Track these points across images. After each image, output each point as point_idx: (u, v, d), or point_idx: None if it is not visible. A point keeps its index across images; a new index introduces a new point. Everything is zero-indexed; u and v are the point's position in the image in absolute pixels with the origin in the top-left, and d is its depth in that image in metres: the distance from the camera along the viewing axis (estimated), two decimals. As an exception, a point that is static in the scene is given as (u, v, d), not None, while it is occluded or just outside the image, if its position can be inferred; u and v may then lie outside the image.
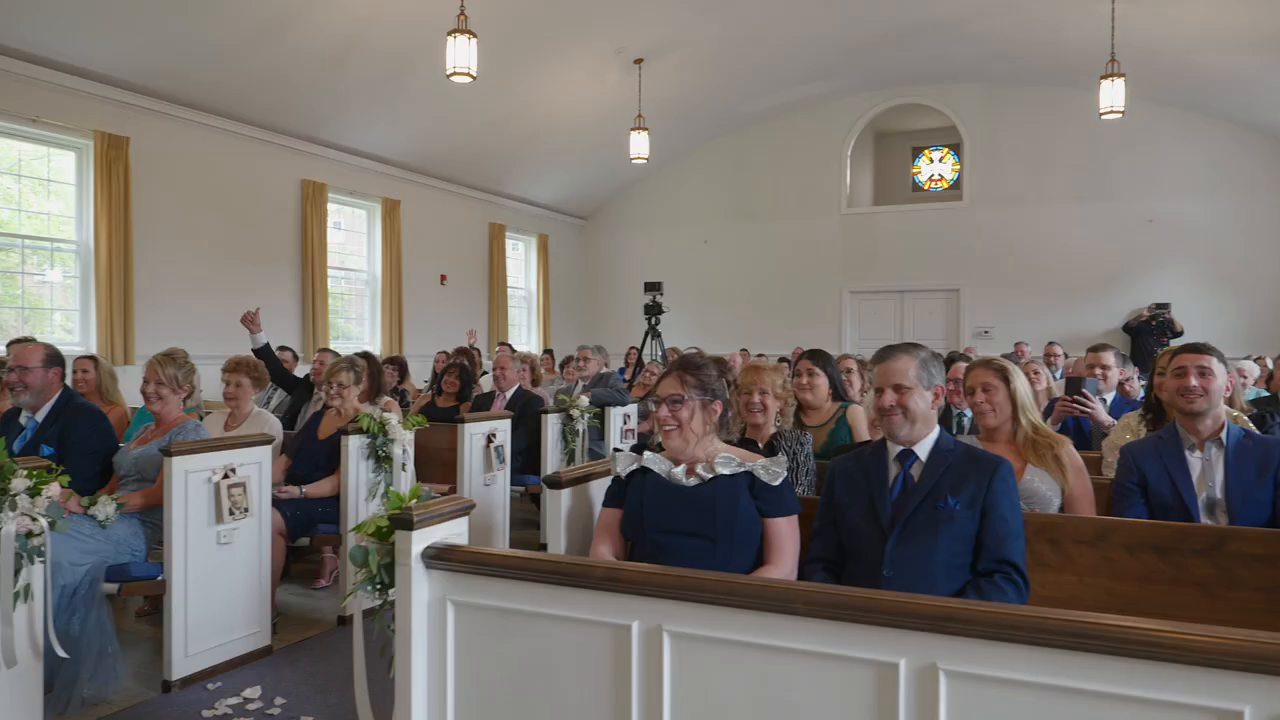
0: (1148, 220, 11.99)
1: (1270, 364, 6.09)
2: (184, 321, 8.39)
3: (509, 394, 6.15)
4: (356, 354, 5.20)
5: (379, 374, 4.97)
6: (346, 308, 11.10)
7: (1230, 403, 4.50)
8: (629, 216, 15.16)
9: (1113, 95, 8.76)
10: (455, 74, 7.19)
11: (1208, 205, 11.74)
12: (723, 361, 2.59)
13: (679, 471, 2.46)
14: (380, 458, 4.36)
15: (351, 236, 11.11)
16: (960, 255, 13.01)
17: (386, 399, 4.94)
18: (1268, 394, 5.23)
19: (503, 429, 5.32)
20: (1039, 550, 2.40)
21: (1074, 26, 9.67)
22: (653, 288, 11.52)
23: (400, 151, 10.93)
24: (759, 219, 14.17)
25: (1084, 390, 4.18)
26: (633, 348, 12.20)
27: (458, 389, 6.39)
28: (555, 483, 2.60)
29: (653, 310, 11.38)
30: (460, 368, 6.48)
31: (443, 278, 12.24)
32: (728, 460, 2.44)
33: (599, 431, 6.26)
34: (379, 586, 2.07)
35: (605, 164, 13.37)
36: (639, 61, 10.56)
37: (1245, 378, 6.09)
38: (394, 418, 4.39)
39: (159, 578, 3.49)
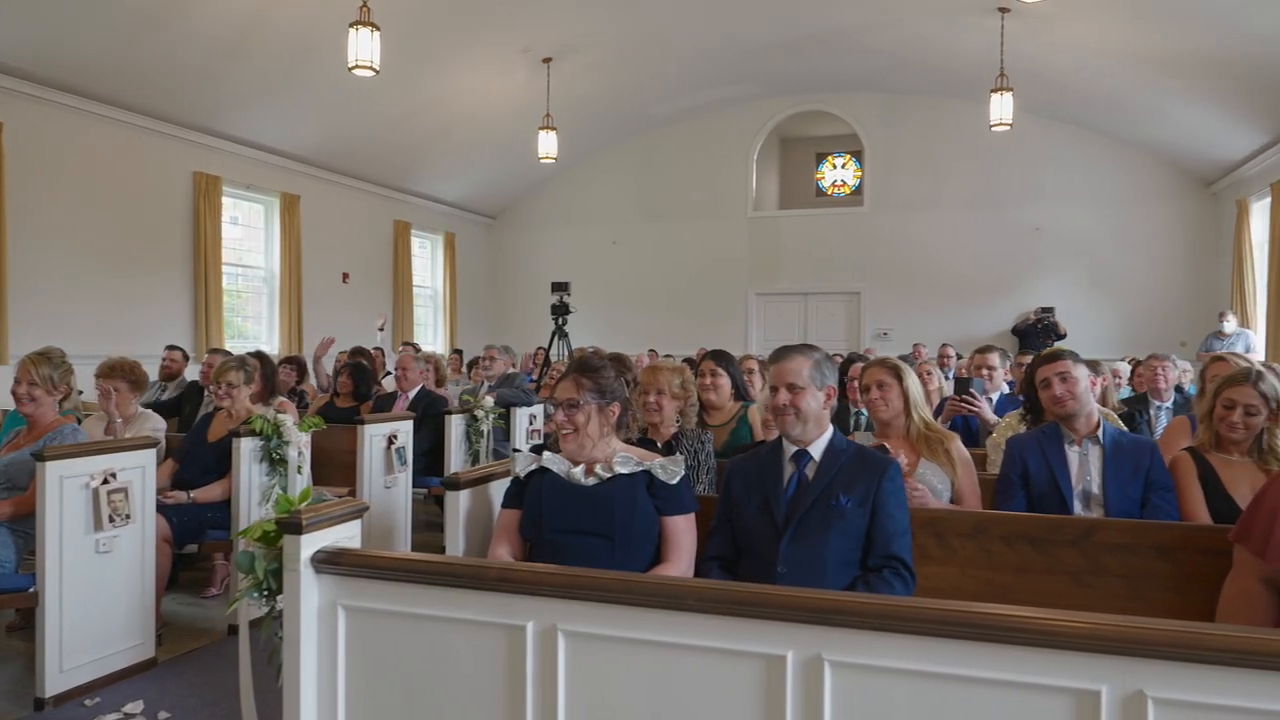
0: (1034, 228, 12.59)
1: (1127, 367, 6.50)
2: (61, 319, 7.93)
3: (411, 394, 6.04)
4: (249, 353, 5.03)
5: (273, 374, 4.82)
6: (243, 306, 10.70)
7: (1103, 401, 4.79)
8: (538, 216, 15.09)
9: (1001, 109, 9.17)
10: (358, 67, 7.02)
11: (1089, 216, 12.40)
12: (623, 360, 2.62)
13: (578, 472, 2.47)
14: (274, 460, 4.23)
15: (249, 232, 10.71)
16: (861, 259, 13.41)
17: (281, 399, 4.78)
18: (1135, 394, 5.56)
19: (404, 430, 5.22)
20: (924, 544, 2.50)
21: (966, 41, 10.08)
22: (560, 288, 11.49)
23: (300, 145, 10.60)
24: (667, 220, 14.30)
25: (971, 390, 4.37)
26: (541, 348, 12.14)
27: (352, 389, 6.23)
28: (454, 484, 2.56)
29: (560, 310, 11.35)
30: (356, 367, 6.32)
31: (345, 276, 11.93)
32: (626, 460, 2.46)
33: (504, 432, 6.21)
34: (266, 593, 2.01)
35: (513, 163, 13.26)
36: (547, 60, 10.51)
37: (1119, 378, 6.46)
38: (289, 419, 4.26)
39: (30, 589, 3.30)
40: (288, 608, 1.97)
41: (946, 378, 7.16)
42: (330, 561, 1.96)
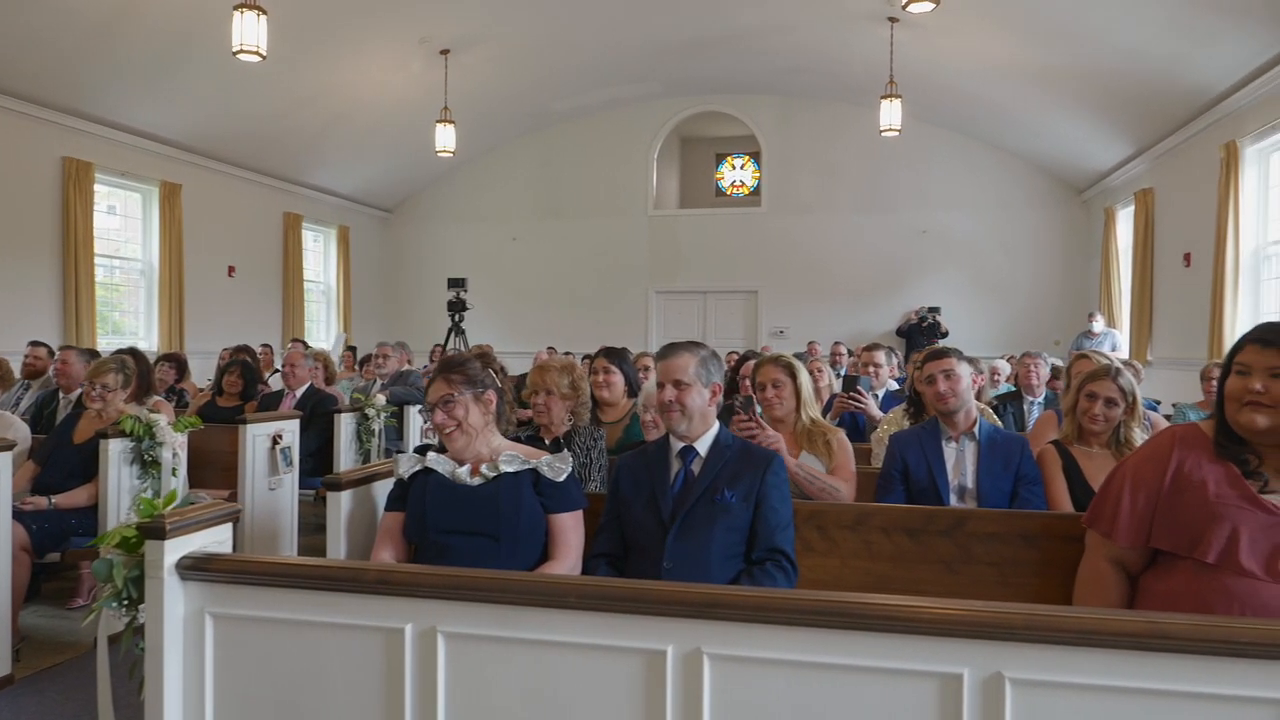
0: (921, 231, 13.09)
1: (1006, 365, 6.84)
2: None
3: (299, 393, 5.84)
4: (123, 350, 4.76)
5: (148, 372, 4.57)
6: (119, 300, 10.13)
7: (978, 397, 5.01)
8: (435, 210, 14.81)
9: (891, 115, 9.49)
10: (242, 51, 6.74)
11: (972, 220, 12.97)
12: (486, 355, 2.59)
13: (463, 471, 2.43)
14: (147, 463, 4.01)
15: (127, 222, 10.15)
16: (759, 259, 13.66)
17: (156, 399, 4.55)
18: (1014, 389, 5.84)
19: (290, 429, 5.04)
20: (808, 536, 2.56)
21: (858, 49, 10.39)
22: (456, 284, 11.29)
23: (182, 132, 10.10)
24: (567, 218, 14.25)
25: (858, 388, 4.51)
26: (438, 345, 11.93)
27: (241, 388, 5.98)
28: (335, 484, 2.49)
29: (456, 307, 11.17)
30: (243, 365, 6.07)
31: (230, 269, 11.44)
32: (511, 458, 2.44)
33: (397, 431, 6.07)
34: (126, 603, 1.90)
35: (410, 156, 12.98)
36: (445, 52, 10.32)
37: (999, 375, 6.78)
38: (162, 419, 4.05)
39: None
40: (150, 617, 1.87)
41: (839, 375, 7.36)
42: (197, 567, 1.87)
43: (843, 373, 7.51)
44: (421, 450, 2.56)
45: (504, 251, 14.42)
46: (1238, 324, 7.84)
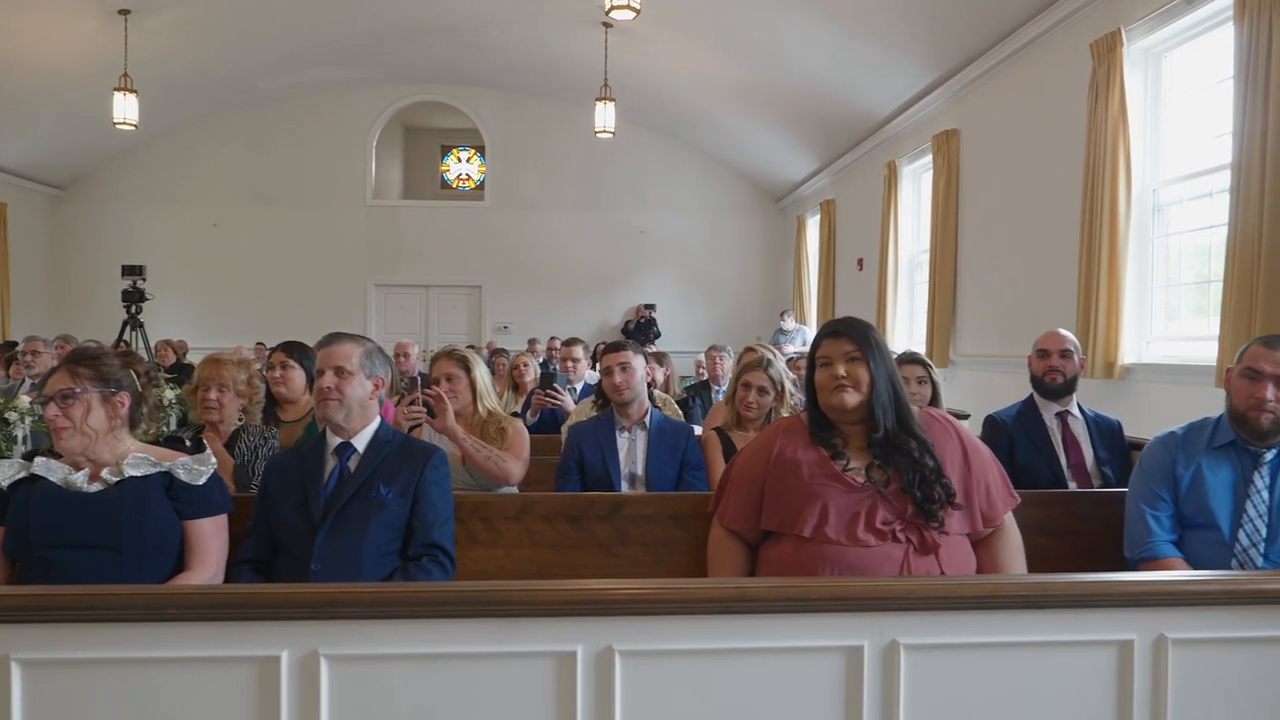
0: (640, 231, 13.67)
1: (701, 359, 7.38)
2: None
3: (-82, 395, 4.96)
4: None
5: None
6: None
7: (666, 389, 5.31)
8: (119, 190, 13.21)
9: (605, 117, 9.80)
10: None
11: (685, 222, 13.73)
12: (129, 354, 2.35)
13: (79, 477, 2.18)
14: None
15: None
16: (483, 253, 13.58)
17: None
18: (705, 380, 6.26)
19: (-100, 439, 4.26)
20: (473, 529, 2.57)
21: (575, 50, 10.61)
22: (132, 271, 10.08)
23: None
24: (279, 204, 13.32)
25: (555, 385, 4.62)
26: (124, 341, 10.66)
27: None
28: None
29: (133, 297, 9.99)
30: None
31: None
32: (141, 460, 2.22)
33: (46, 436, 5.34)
34: None
35: (85, 127, 11.46)
36: (125, 12, 9.21)
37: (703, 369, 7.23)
38: None
39: None
40: None
41: (553, 369, 7.53)
42: None
43: (551, 367, 7.68)
44: (29, 455, 2.26)
45: (204, 238, 13.18)
46: (897, 322, 8.95)
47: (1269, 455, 2.40)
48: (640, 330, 12.56)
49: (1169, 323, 5.44)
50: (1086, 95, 5.56)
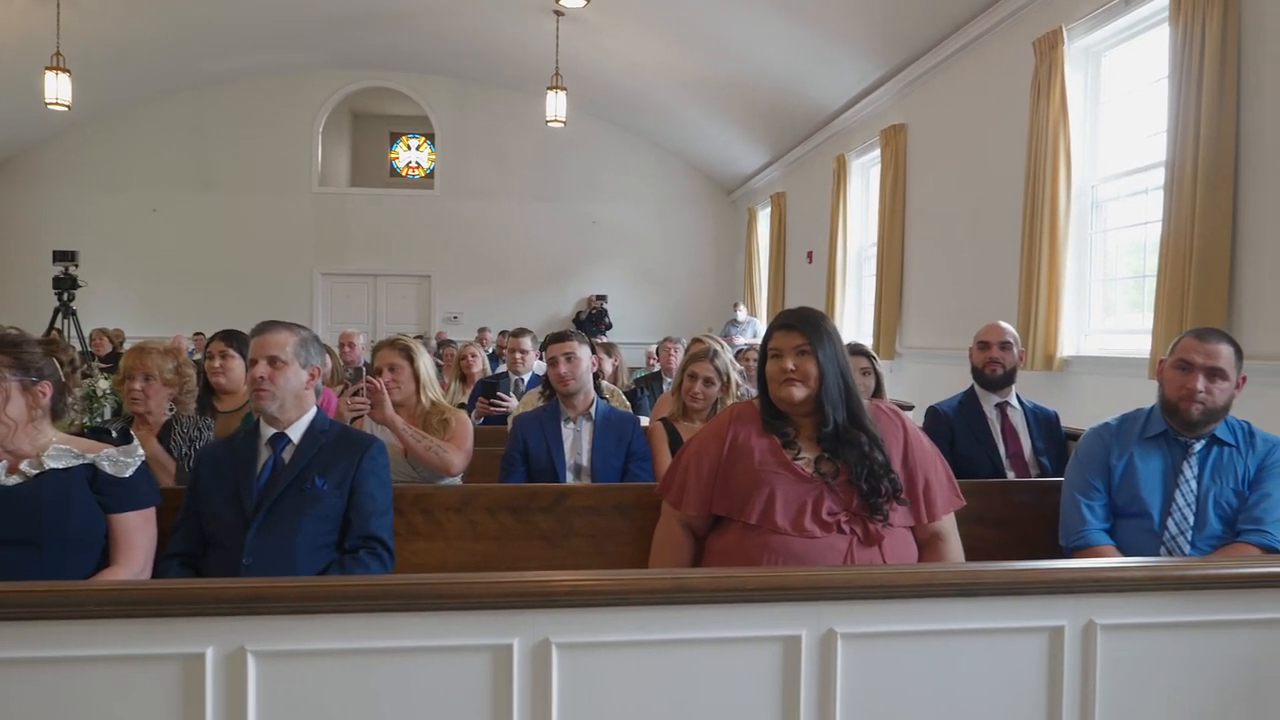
0: (592, 222, 13.61)
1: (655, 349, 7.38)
2: None
3: None
4: None
5: None
6: None
7: (614, 380, 5.29)
8: (51, 173, 12.73)
9: (556, 106, 9.73)
10: None
11: (637, 213, 13.70)
12: (53, 342, 2.26)
13: (-5, 470, 2.09)
14: None
15: None
16: (432, 242, 13.40)
17: None
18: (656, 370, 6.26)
19: None
20: (414, 521, 2.53)
21: (527, 38, 10.50)
22: (64, 257, 9.74)
23: None
24: (222, 191, 12.98)
25: (499, 394, 4.52)
26: (58, 330, 10.32)
27: None
28: None
29: (64, 284, 9.67)
30: None
31: None
32: (63, 452, 2.13)
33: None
34: None
35: (13, 106, 11.03)
36: (57, -11, 8.90)
37: (654, 360, 7.23)
38: None
39: None
40: None
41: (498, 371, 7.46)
42: None
43: (497, 364, 7.60)
44: (-57, 448, 2.16)
45: (142, 224, 12.80)
46: (846, 314, 9.04)
47: (1198, 446, 2.47)
48: (592, 321, 12.52)
49: (1106, 316, 5.57)
50: (1029, 92, 5.66)
